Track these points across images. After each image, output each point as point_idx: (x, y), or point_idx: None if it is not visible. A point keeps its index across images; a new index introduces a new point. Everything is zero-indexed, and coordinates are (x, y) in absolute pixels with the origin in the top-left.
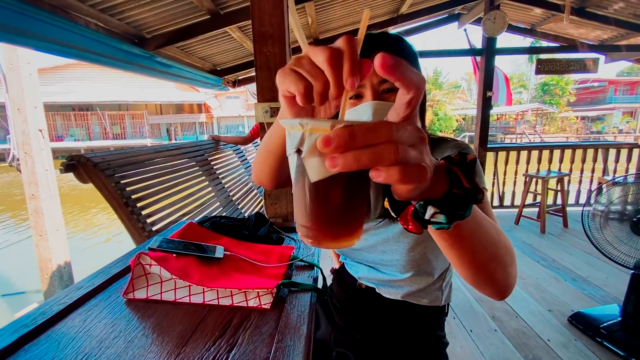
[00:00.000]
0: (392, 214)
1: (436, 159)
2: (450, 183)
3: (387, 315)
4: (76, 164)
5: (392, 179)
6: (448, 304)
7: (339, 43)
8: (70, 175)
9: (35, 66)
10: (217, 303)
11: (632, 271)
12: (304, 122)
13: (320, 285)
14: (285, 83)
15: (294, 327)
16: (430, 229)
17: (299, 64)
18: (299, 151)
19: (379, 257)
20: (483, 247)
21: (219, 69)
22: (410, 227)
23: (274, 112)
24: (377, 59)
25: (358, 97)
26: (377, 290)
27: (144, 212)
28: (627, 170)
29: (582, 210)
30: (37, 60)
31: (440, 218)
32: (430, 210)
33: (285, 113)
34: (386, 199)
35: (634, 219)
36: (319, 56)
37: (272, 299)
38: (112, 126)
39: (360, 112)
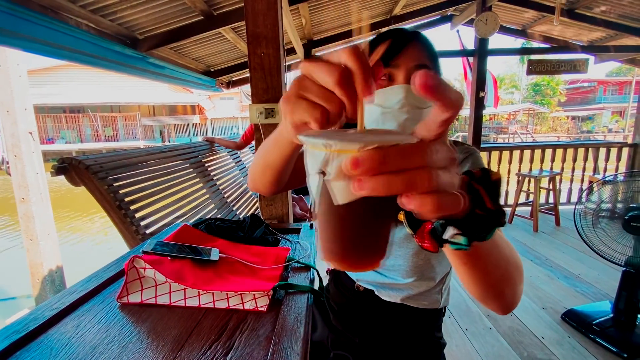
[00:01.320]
0: (408, 230)
1: None
2: (473, 202)
3: (385, 318)
4: (68, 167)
5: (425, 209)
6: (446, 306)
7: (345, 57)
8: (62, 178)
9: (25, 67)
10: (212, 306)
11: (623, 268)
12: (329, 143)
13: (316, 286)
14: (297, 113)
15: (290, 329)
16: (446, 247)
17: (305, 88)
18: (322, 172)
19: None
20: (496, 266)
21: (212, 70)
22: (426, 245)
23: (269, 113)
24: (418, 78)
25: (389, 78)
26: (375, 293)
27: (137, 215)
28: (617, 168)
29: (575, 209)
30: (27, 61)
31: (460, 239)
32: (450, 231)
33: (292, 135)
34: (401, 212)
35: (625, 217)
36: (327, 77)
37: (268, 301)
38: (104, 128)
39: (390, 95)
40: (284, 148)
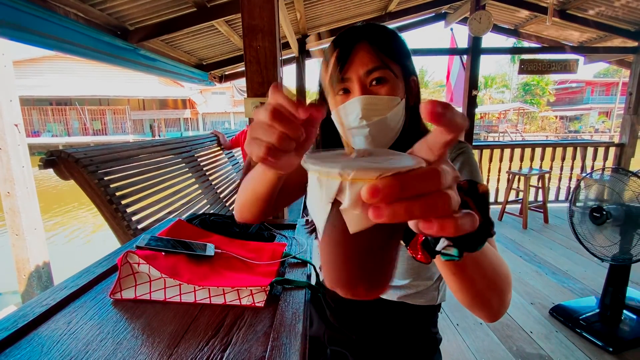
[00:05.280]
0: (402, 242)
1: None
2: None
3: (382, 315)
4: (56, 160)
5: (446, 232)
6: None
7: (270, 97)
8: (50, 171)
9: (10, 57)
10: (209, 302)
11: (610, 262)
12: (344, 172)
13: (313, 282)
14: (253, 152)
15: (289, 325)
16: (437, 258)
17: (253, 130)
18: (335, 201)
19: None
20: (484, 276)
21: (205, 63)
22: (419, 256)
23: None
24: (426, 107)
25: (346, 91)
26: None
27: (129, 210)
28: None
29: (569, 206)
30: (13, 51)
31: (452, 251)
32: (443, 243)
33: (268, 171)
34: None
35: (607, 211)
36: (263, 118)
37: (265, 296)
38: (92, 122)
39: (349, 109)
40: (270, 179)
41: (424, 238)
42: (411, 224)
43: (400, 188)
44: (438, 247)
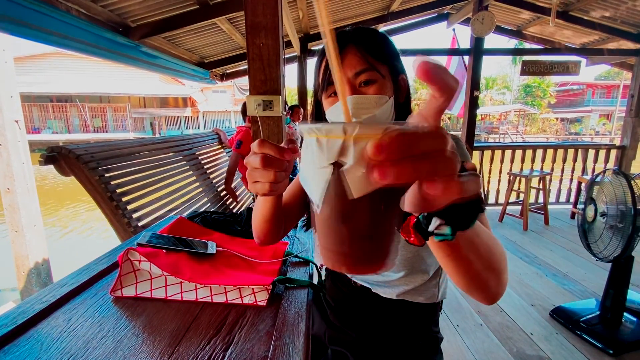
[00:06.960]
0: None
1: None
2: None
3: (382, 313)
4: (57, 156)
5: (451, 192)
6: (442, 300)
7: (256, 149)
8: (50, 167)
9: (11, 53)
10: (210, 300)
11: (612, 262)
12: (348, 127)
13: (315, 281)
14: (253, 189)
15: (291, 324)
16: (431, 240)
17: (249, 174)
18: (336, 164)
19: None
20: (479, 256)
21: (206, 61)
22: (412, 239)
23: (267, 105)
24: (420, 66)
25: (336, 93)
26: (372, 290)
27: (129, 207)
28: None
29: (582, 207)
30: (13, 47)
31: (445, 230)
32: (435, 222)
33: (267, 201)
34: None
35: (614, 215)
36: (253, 164)
37: (267, 295)
38: (92, 119)
39: (340, 110)
40: (272, 201)
41: (415, 220)
42: (407, 199)
43: (407, 144)
44: (430, 228)
